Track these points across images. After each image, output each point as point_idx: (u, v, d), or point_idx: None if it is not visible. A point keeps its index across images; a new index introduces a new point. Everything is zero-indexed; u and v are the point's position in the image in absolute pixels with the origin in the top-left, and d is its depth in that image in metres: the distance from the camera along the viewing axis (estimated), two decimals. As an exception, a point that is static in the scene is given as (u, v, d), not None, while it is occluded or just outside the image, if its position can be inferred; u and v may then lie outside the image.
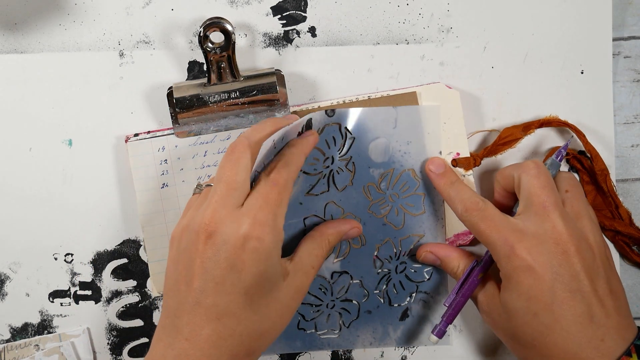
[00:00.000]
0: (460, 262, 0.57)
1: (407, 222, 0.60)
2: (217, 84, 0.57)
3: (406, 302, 0.61)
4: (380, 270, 0.60)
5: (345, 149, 0.58)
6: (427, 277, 0.61)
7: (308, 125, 0.56)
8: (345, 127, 0.58)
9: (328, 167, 0.58)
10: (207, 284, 0.49)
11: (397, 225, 0.60)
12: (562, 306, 0.50)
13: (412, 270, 0.61)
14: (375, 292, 0.61)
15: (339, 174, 0.59)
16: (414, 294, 0.61)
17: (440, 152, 0.59)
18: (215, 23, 0.55)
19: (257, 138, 0.52)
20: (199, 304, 0.49)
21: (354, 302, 0.61)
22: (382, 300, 0.61)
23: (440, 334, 0.56)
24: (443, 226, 0.60)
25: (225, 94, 0.57)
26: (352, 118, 0.58)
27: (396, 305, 0.61)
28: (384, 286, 0.61)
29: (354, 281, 0.60)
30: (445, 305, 0.56)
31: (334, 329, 0.61)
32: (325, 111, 0.57)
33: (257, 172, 0.52)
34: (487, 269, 0.56)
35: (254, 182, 0.52)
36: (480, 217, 0.53)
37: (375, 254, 0.60)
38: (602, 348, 0.49)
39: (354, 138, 0.58)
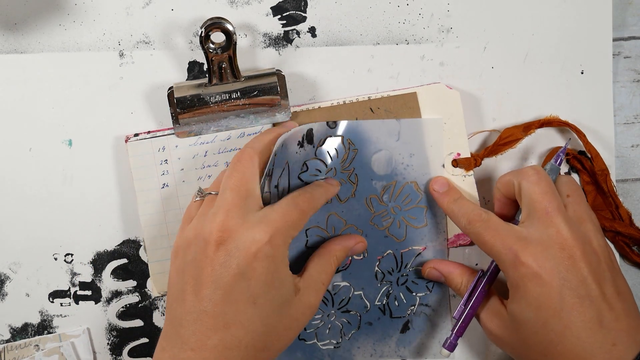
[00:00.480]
0: (463, 278, 0.57)
1: (409, 234, 0.60)
2: (218, 84, 0.57)
3: (407, 315, 0.61)
4: (381, 282, 0.60)
5: (347, 161, 0.58)
6: (429, 290, 0.61)
7: (309, 135, 0.56)
8: (348, 139, 0.58)
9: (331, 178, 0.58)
10: (216, 292, 0.49)
11: (399, 238, 0.60)
12: (572, 312, 0.49)
13: (414, 283, 0.60)
14: (376, 303, 0.60)
15: (341, 185, 0.59)
16: (415, 307, 0.61)
17: (443, 165, 0.59)
18: (216, 23, 0.55)
19: (262, 145, 0.53)
20: (206, 312, 0.49)
21: (355, 313, 0.61)
22: (383, 312, 0.61)
23: (452, 347, 0.56)
24: (445, 239, 0.60)
25: (227, 95, 0.57)
26: (355, 130, 0.58)
27: (397, 317, 0.61)
28: (385, 298, 0.60)
29: (355, 292, 0.60)
30: (454, 318, 0.56)
31: (335, 340, 0.61)
32: (327, 122, 0.58)
33: (266, 179, 0.53)
34: (493, 280, 0.56)
35: (263, 188, 0.52)
36: (484, 228, 0.53)
37: (377, 265, 0.60)
38: (614, 353, 0.49)
39: (357, 150, 0.58)
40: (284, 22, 0.59)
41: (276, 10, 0.59)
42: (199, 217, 0.52)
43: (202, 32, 0.55)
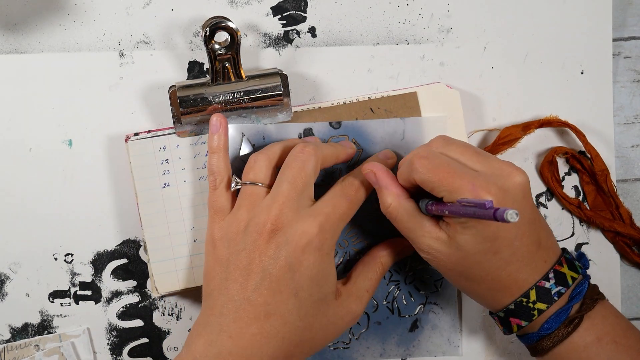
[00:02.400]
0: (394, 200, 0.51)
1: None
2: (220, 84, 0.56)
3: (416, 313, 0.61)
4: (389, 281, 0.60)
5: (353, 161, 0.58)
6: (437, 288, 0.61)
7: (307, 135, 0.57)
8: (353, 139, 0.58)
9: (336, 178, 0.58)
10: (263, 283, 0.50)
11: None
12: (522, 239, 0.49)
13: (421, 281, 0.60)
14: (384, 302, 0.60)
15: None
16: (423, 305, 0.61)
17: None
18: (221, 22, 0.55)
19: (325, 154, 0.53)
20: (249, 301, 0.50)
21: (363, 313, 0.60)
22: (391, 311, 0.61)
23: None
24: None
25: (230, 94, 0.57)
26: (360, 130, 0.58)
27: (406, 316, 0.61)
28: (394, 297, 0.60)
29: None
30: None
31: (344, 341, 0.61)
32: (330, 123, 0.58)
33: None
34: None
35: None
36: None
37: None
38: (543, 268, 0.50)
39: (362, 150, 0.58)
40: (284, 22, 0.59)
41: (276, 10, 0.59)
42: (246, 207, 0.52)
43: (207, 31, 0.55)
